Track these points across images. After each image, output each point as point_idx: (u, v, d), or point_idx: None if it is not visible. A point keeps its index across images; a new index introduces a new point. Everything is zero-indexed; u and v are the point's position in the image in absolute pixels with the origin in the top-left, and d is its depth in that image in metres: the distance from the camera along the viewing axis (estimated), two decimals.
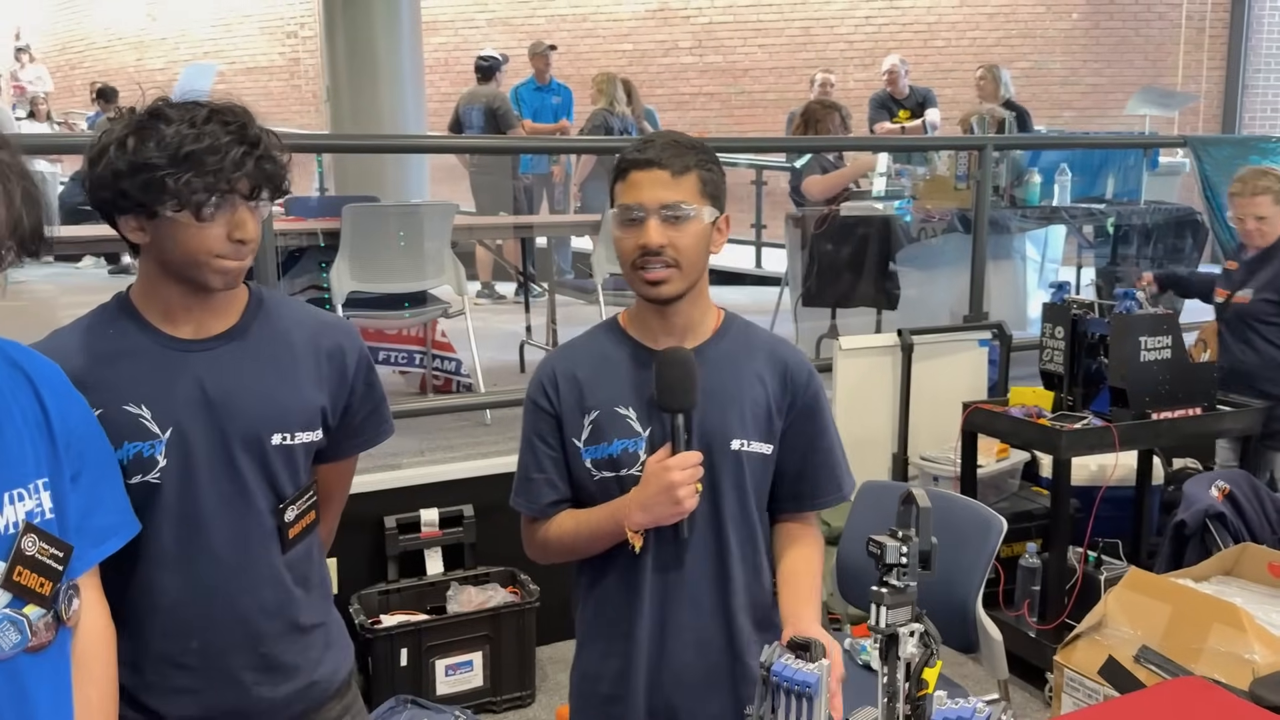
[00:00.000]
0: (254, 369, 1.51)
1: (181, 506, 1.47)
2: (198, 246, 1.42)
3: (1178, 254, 5.66)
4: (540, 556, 1.72)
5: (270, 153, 1.44)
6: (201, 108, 1.42)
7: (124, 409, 1.45)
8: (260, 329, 1.54)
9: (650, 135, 1.62)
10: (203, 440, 1.48)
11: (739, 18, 10.53)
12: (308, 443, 1.55)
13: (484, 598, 3.22)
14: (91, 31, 14.09)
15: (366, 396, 1.64)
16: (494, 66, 7.10)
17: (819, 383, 1.69)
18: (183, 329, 1.49)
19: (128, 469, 1.44)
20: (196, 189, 1.38)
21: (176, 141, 1.38)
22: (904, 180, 5.81)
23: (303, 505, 1.57)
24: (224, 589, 1.50)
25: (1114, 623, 2.29)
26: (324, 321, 1.62)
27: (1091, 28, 10.08)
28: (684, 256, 1.56)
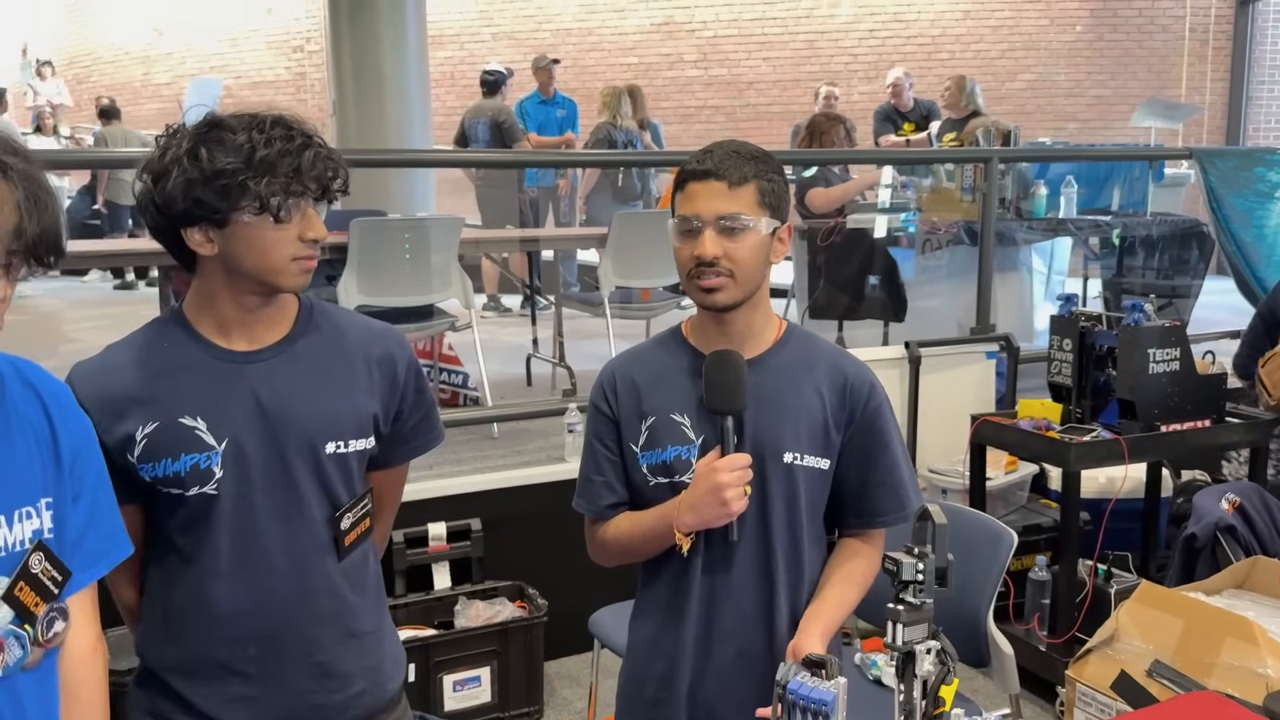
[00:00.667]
0: (307, 379, 1.54)
1: (238, 517, 1.50)
2: (272, 249, 1.45)
3: (1183, 266, 5.66)
4: (600, 558, 1.74)
5: (330, 154, 1.49)
6: (262, 115, 1.47)
7: (180, 422, 1.48)
8: (312, 338, 1.57)
9: (711, 145, 1.61)
10: (258, 451, 1.50)
11: (744, 31, 10.56)
12: (361, 450, 1.58)
13: (492, 612, 3.22)
14: (98, 46, 14.17)
15: (417, 403, 1.66)
16: (499, 81, 7.14)
17: (882, 397, 1.66)
18: (237, 342, 1.52)
19: (185, 480, 1.48)
20: (275, 190, 1.42)
21: (249, 147, 1.42)
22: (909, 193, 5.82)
23: (358, 513, 1.59)
24: (281, 598, 1.53)
25: (1126, 637, 2.28)
26: (374, 329, 1.65)
27: (1095, 40, 10.09)
28: (740, 267, 1.55)
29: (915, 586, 1.18)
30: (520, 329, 6.27)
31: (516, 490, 3.47)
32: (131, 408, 1.48)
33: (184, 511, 1.50)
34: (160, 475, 1.48)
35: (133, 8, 13.39)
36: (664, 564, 1.65)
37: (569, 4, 10.93)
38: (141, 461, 1.48)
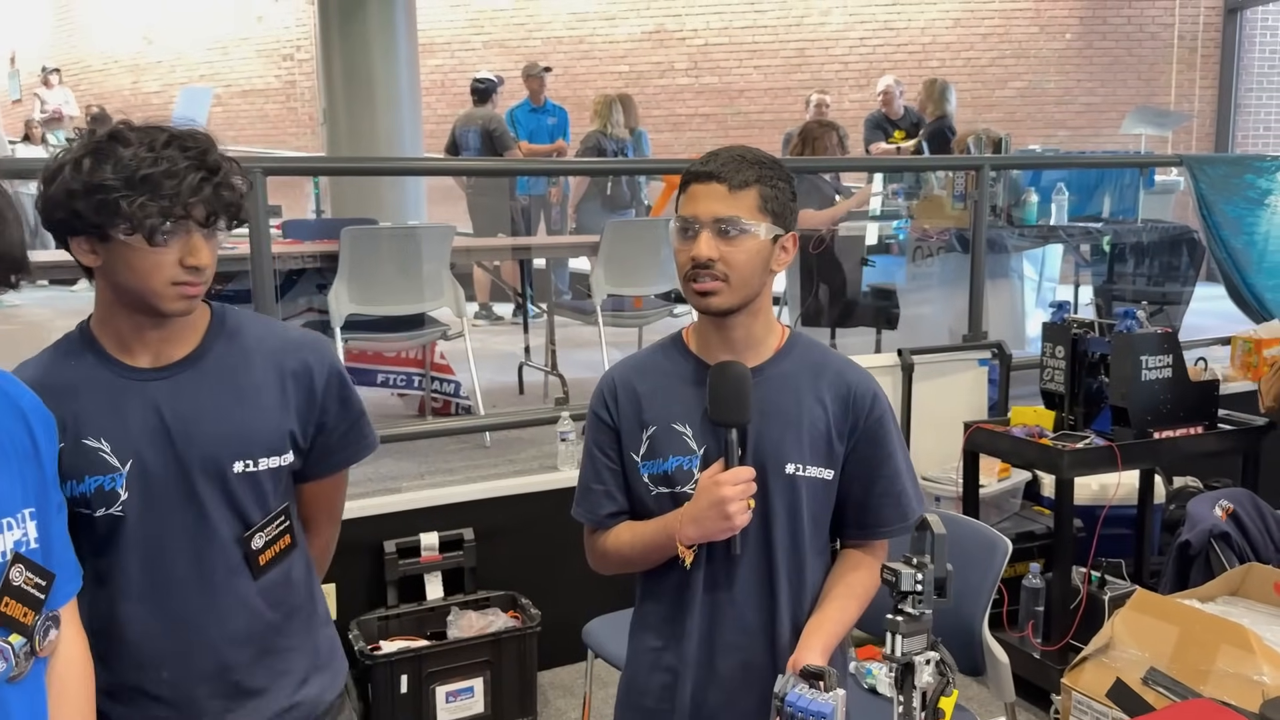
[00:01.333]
0: (213, 396, 1.49)
1: (145, 538, 1.47)
2: (150, 272, 1.40)
3: (1174, 272, 5.67)
4: (600, 567, 1.72)
5: (229, 180, 1.42)
6: (162, 132, 1.40)
7: (83, 442, 1.44)
8: (221, 352, 1.52)
9: (718, 149, 1.59)
10: (162, 471, 1.46)
11: (735, 39, 10.58)
12: (275, 468, 1.53)
13: (485, 623, 3.20)
14: (87, 55, 14.12)
15: (341, 414, 1.61)
16: (490, 89, 7.13)
17: (885, 406, 1.65)
18: (140, 358, 1.48)
19: (91, 502, 1.44)
20: (150, 213, 1.36)
21: (134, 164, 1.36)
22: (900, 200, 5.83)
23: (272, 532, 1.55)
24: (192, 620, 1.50)
25: (1121, 644, 2.28)
26: (290, 339, 1.59)
27: (1085, 47, 10.14)
28: (735, 271, 1.53)
29: (914, 597, 1.17)
30: (511, 337, 6.26)
31: (509, 499, 3.46)
32: None
33: (93, 533, 1.46)
34: (69, 496, 1.43)
35: (122, 16, 13.36)
36: (664, 575, 1.63)
37: (560, 12, 10.94)
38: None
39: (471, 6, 11.16)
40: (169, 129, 1.41)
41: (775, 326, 1.66)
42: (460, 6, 11.14)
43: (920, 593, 1.17)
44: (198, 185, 1.38)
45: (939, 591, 1.18)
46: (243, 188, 1.45)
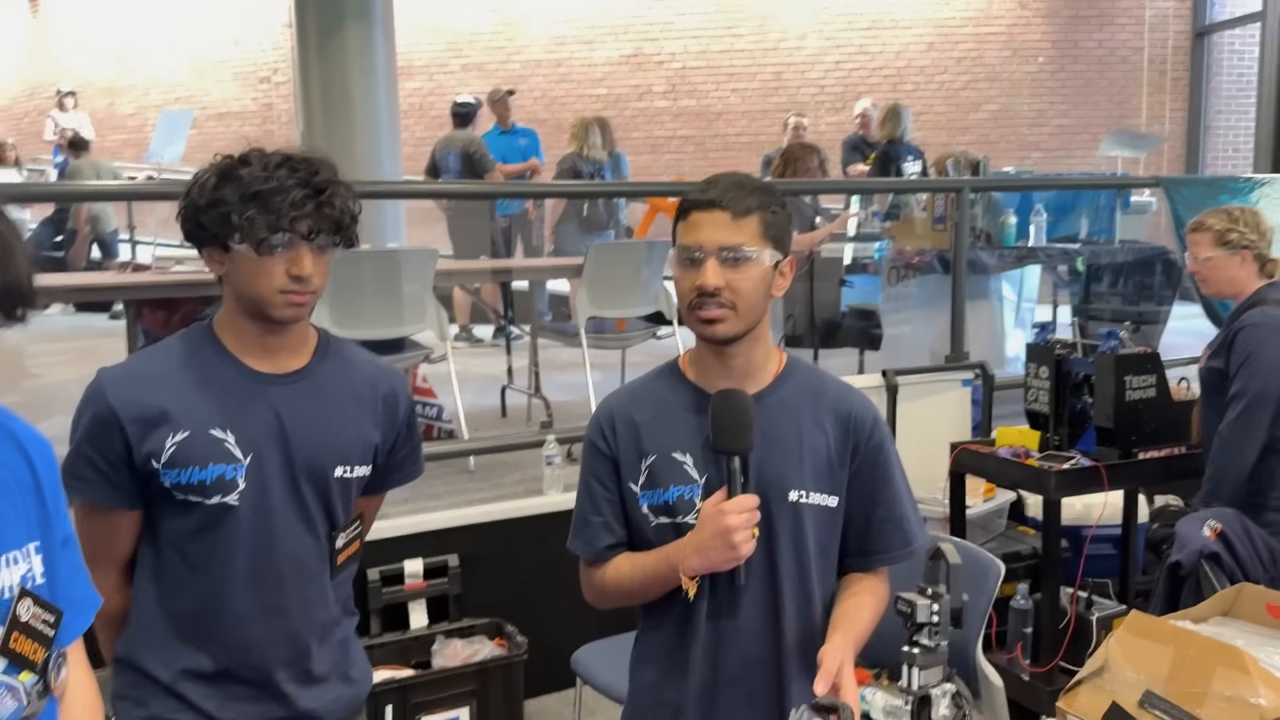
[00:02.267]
0: (324, 406, 1.65)
1: (255, 528, 1.60)
2: (260, 279, 1.56)
3: (1150, 292, 5.73)
4: (598, 600, 1.69)
5: (334, 200, 1.57)
6: (280, 156, 1.58)
7: (210, 433, 1.57)
8: (328, 370, 1.68)
9: (715, 176, 1.59)
10: (276, 468, 1.61)
11: (712, 63, 10.64)
12: (362, 476, 1.70)
13: (470, 651, 3.16)
14: (62, 77, 14.00)
15: (409, 437, 1.79)
16: (470, 112, 7.12)
17: (885, 431, 1.64)
18: (261, 363, 1.63)
19: (209, 488, 1.57)
20: (259, 225, 1.52)
21: (249, 182, 1.54)
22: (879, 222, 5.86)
23: (351, 534, 1.72)
24: (285, 608, 1.64)
25: (1116, 668, 2.26)
26: (380, 366, 1.78)
27: (1057, 70, 10.27)
28: (742, 299, 1.53)
29: (930, 628, 1.15)
30: (493, 359, 6.22)
31: (494, 525, 3.43)
32: (162, 416, 1.56)
33: (196, 519, 1.58)
34: (183, 482, 1.56)
35: (97, 38, 13.28)
36: (666, 607, 1.60)
37: (538, 36, 10.97)
38: (167, 468, 1.56)
39: (450, 30, 11.17)
40: (288, 154, 1.58)
41: (773, 352, 1.65)
42: (439, 30, 11.15)
43: (936, 624, 1.15)
44: (301, 201, 1.54)
45: (955, 622, 1.16)
46: (351, 208, 1.61)
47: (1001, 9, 10.28)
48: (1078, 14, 10.23)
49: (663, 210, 6.90)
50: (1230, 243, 2.92)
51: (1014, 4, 10.26)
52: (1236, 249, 2.91)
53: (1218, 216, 3.04)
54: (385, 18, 7.01)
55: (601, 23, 10.81)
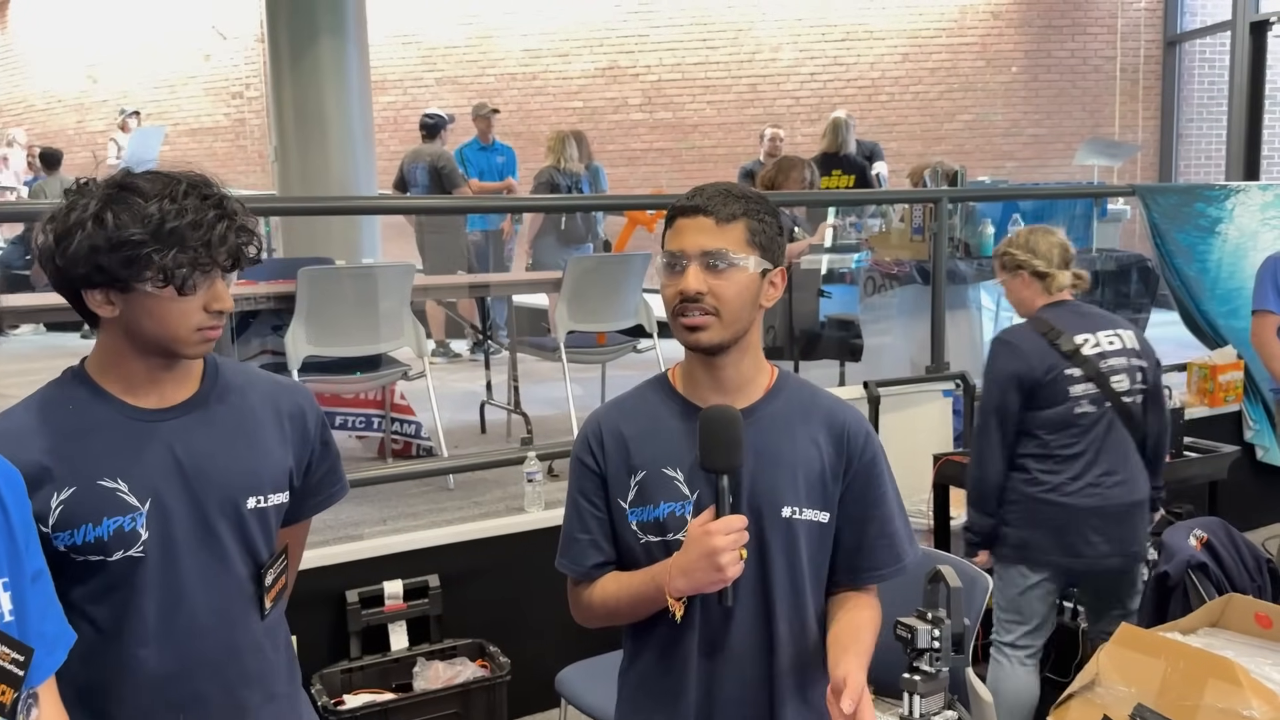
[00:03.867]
0: (223, 434, 1.51)
1: (164, 579, 1.45)
2: (177, 320, 1.41)
3: (1128, 299, 5.75)
4: (585, 620, 1.65)
5: (245, 223, 1.44)
6: (177, 180, 1.41)
7: (99, 484, 1.42)
8: (221, 395, 1.53)
9: (704, 185, 1.56)
10: (181, 509, 1.46)
11: (687, 75, 10.65)
12: (279, 504, 1.56)
13: (452, 673, 3.10)
14: (30, 94, 13.86)
15: (324, 455, 1.65)
16: (439, 125, 7.07)
17: (877, 446, 1.60)
18: (146, 399, 1.47)
19: (109, 545, 1.41)
20: (182, 264, 1.37)
21: (159, 217, 1.37)
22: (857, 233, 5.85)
23: (278, 569, 1.57)
24: (209, 661, 1.49)
25: (1107, 681, 2.25)
26: (280, 384, 1.63)
27: (1030, 80, 10.34)
28: (725, 306, 1.49)
29: (931, 654, 1.12)
30: (471, 374, 6.17)
31: (475, 543, 3.37)
32: (42, 474, 1.39)
33: (102, 579, 1.43)
34: (79, 543, 1.40)
35: (66, 54, 13.14)
36: (654, 629, 1.56)
37: (513, 49, 10.94)
38: (57, 530, 1.40)
39: (424, 44, 11.13)
40: (181, 175, 1.42)
41: (765, 365, 1.61)
42: (412, 44, 11.11)
43: (938, 649, 1.11)
44: (224, 234, 1.40)
45: (956, 648, 1.13)
46: (255, 228, 1.47)
47: (975, 20, 10.35)
48: (1050, 24, 10.31)
49: (641, 223, 6.88)
50: (1005, 265, 2.93)
51: (987, 14, 10.33)
52: (1013, 270, 2.92)
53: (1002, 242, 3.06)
54: (359, 32, 6.96)
55: (576, 36, 10.81)
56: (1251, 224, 5.31)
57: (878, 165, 7.39)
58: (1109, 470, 2.78)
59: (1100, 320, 2.90)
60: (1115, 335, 2.86)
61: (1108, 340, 2.84)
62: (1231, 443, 4.17)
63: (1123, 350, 2.84)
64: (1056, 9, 10.29)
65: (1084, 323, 2.85)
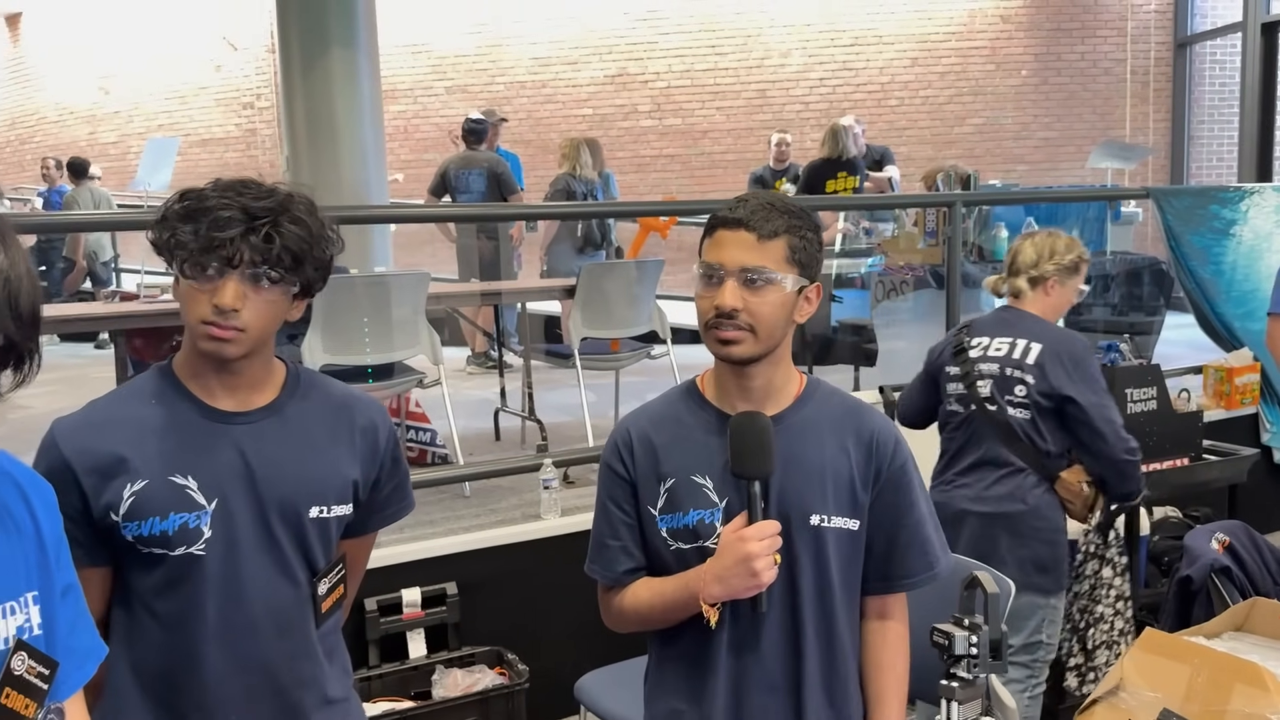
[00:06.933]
0: (294, 443, 1.53)
1: (225, 578, 1.48)
2: (189, 309, 1.44)
3: (1142, 302, 5.73)
4: (616, 625, 1.65)
5: (276, 230, 1.43)
6: (244, 181, 1.46)
7: (170, 480, 1.46)
8: (298, 404, 1.56)
9: (746, 195, 1.56)
10: (245, 512, 1.49)
11: (696, 82, 10.66)
12: (340, 516, 1.57)
13: (471, 680, 3.10)
14: (42, 106, 13.94)
15: (393, 471, 1.66)
16: (484, 129, 6.99)
17: (906, 452, 1.60)
18: (223, 401, 1.51)
19: (172, 540, 1.46)
20: (185, 240, 1.41)
21: (189, 201, 1.44)
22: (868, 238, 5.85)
23: (334, 579, 1.59)
24: (265, 662, 1.51)
25: (1132, 686, 2.23)
26: (358, 397, 1.65)
27: (1040, 84, 10.32)
28: (760, 323, 1.49)
29: (969, 661, 1.11)
30: (484, 381, 6.17)
31: (492, 551, 3.37)
32: (118, 465, 1.45)
33: (164, 573, 1.47)
34: (145, 534, 1.45)
35: (78, 66, 13.22)
36: (683, 635, 1.56)
37: (522, 57, 10.97)
38: (127, 520, 1.45)
39: (434, 52, 11.16)
40: (251, 181, 1.47)
41: (794, 374, 1.61)
42: (423, 53, 11.14)
43: (975, 656, 1.11)
44: (224, 223, 1.41)
45: (994, 654, 1.12)
46: (297, 245, 1.45)
47: (984, 23, 10.34)
48: (1060, 27, 10.29)
49: (655, 229, 6.88)
50: (1077, 267, 2.90)
51: (996, 18, 10.32)
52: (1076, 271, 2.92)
53: (1043, 247, 2.97)
54: (369, 41, 6.98)
55: (585, 43, 10.83)
56: (1266, 225, 5.29)
57: (889, 169, 7.38)
58: (963, 471, 2.81)
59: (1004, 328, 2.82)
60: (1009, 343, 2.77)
61: (995, 346, 2.79)
62: (1248, 445, 4.15)
63: (1003, 359, 2.76)
64: (1066, 12, 10.27)
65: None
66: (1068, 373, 2.68)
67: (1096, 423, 2.66)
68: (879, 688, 1.54)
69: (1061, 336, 2.78)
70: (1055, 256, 2.82)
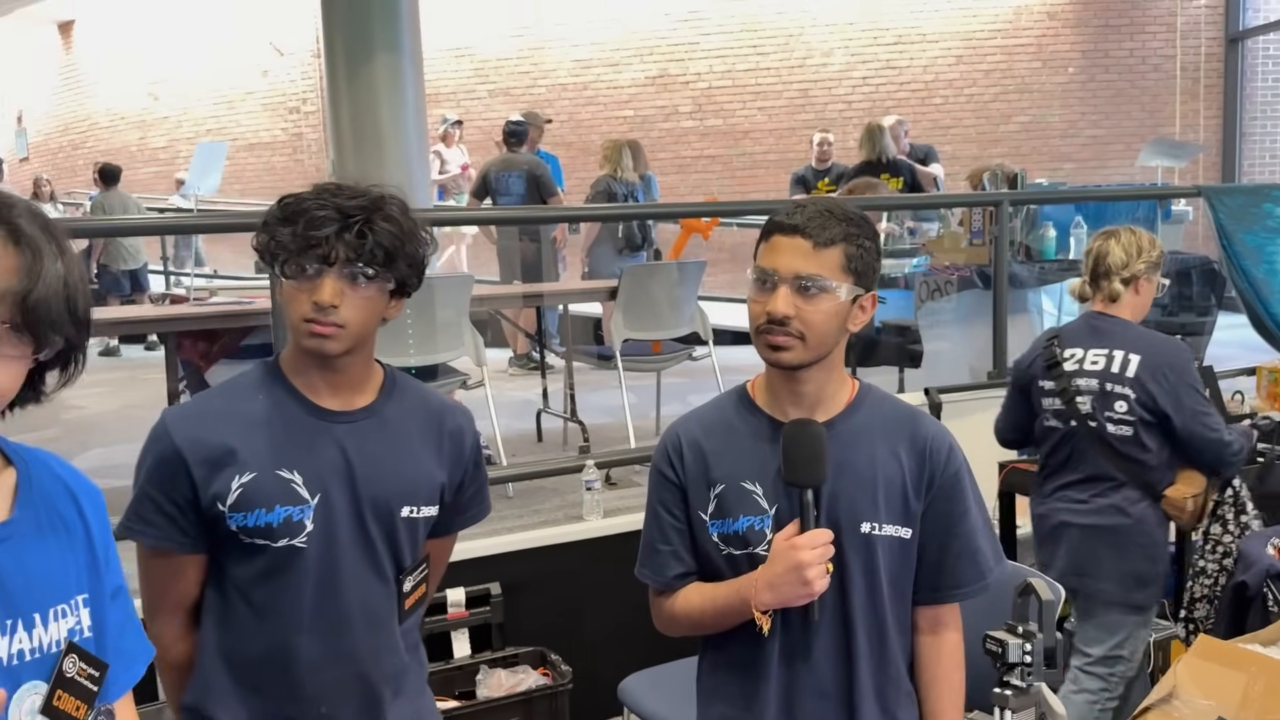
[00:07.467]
0: (390, 444, 1.58)
1: (322, 571, 1.54)
2: (291, 307, 1.50)
3: (1194, 303, 5.63)
4: (667, 629, 1.66)
5: (368, 228, 1.47)
6: (335, 184, 1.52)
7: (277, 474, 1.51)
8: (394, 407, 1.61)
9: (805, 200, 1.55)
10: (344, 508, 1.54)
11: (738, 82, 10.64)
12: (428, 517, 1.63)
13: (514, 681, 3.11)
14: (94, 112, 14.23)
15: (475, 476, 1.72)
16: (524, 131, 7.03)
17: (961, 461, 1.58)
18: (327, 400, 1.57)
19: (276, 531, 1.51)
20: (284, 242, 1.47)
21: (291, 204, 1.50)
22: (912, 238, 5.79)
23: (418, 577, 1.65)
24: (355, 655, 1.56)
25: (1186, 694, 2.19)
26: (446, 404, 1.71)
27: (1088, 80, 10.18)
28: (811, 331, 1.47)
29: (1023, 669, 1.09)
30: (526, 382, 6.20)
31: (535, 552, 3.38)
32: (228, 456, 1.50)
33: (264, 562, 1.52)
34: (249, 525, 1.51)
35: (128, 72, 13.48)
36: (734, 641, 1.56)
37: (564, 60, 11.01)
38: (233, 511, 1.50)
39: (476, 56, 11.24)
40: (347, 185, 1.52)
41: (846, 380, 1.59)
42: (465, 56, 11.22)
43: (1029, 664, 1.09)
44: (318, 222, 1.46)
45: (1048, 662, 1.10)
46: (391, 242, 1.49)
47: (1030, 20, 10.21)
48: (1108, 23, 10.15)
49: (697, 231, 6.87)
50: (1160, 264, 2.85)
51: (1043, 15, 10.19)
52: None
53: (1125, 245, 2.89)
54: (413, 46, 7.02)
55: (627, 45, 10.85)
56: None
57: (934, 168, 7.32)
58: (1066, 486, 2.78)
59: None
60: (1106, 356, 2.72)
61: (1091, 359, 2.73)
62: None
63: (1101, 373, 2.71)
64: (1114, 8, 10.13)
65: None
66: (1170, 385, 2.65)
67: (1199, 433, 2.66)
68: (935, 701, 1.53)
69: (1159, 345, 2.73)
70: (1143, 254, 2.77)
